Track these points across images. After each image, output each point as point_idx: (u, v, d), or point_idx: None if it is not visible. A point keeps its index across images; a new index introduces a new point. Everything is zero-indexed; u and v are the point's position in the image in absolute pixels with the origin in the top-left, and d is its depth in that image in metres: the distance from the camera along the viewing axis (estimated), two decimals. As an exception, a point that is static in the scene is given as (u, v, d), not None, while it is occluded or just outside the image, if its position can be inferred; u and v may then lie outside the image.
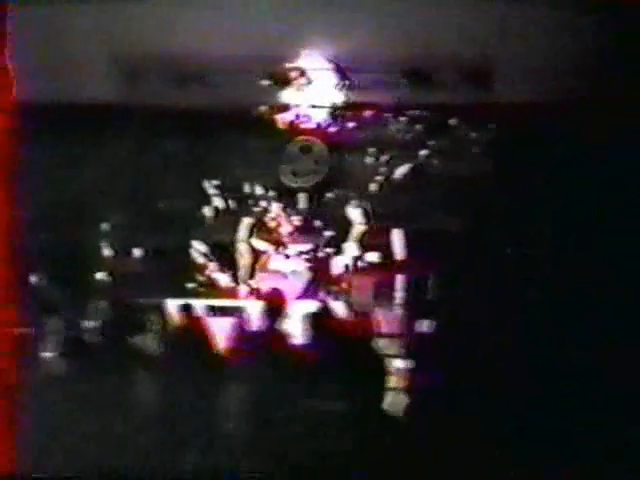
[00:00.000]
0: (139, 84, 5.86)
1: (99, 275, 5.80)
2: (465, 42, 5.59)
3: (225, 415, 5.22)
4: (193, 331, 5.59)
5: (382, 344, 5.31)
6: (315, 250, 5.85)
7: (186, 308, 5.67)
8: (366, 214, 5.89)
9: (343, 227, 5.90)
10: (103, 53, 5.71)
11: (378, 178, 5.97)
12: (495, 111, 5.79)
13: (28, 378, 4.92)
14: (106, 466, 4.75)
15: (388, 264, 5.72)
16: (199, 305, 5.69)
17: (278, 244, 5.90)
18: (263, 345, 5.40)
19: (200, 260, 5.90)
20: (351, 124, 6.03)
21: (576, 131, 5.53)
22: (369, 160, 6.00)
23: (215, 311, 5.68)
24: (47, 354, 5.48)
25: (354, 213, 5.89)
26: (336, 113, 6.03)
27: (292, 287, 5.76)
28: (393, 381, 5.09)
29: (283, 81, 5.98)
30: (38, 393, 4.95)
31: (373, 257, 5.79)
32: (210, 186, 6.00)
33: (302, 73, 5.95)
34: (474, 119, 5.89)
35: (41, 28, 5.42)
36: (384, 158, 5.99)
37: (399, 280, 5.65)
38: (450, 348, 5.08)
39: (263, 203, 5.99)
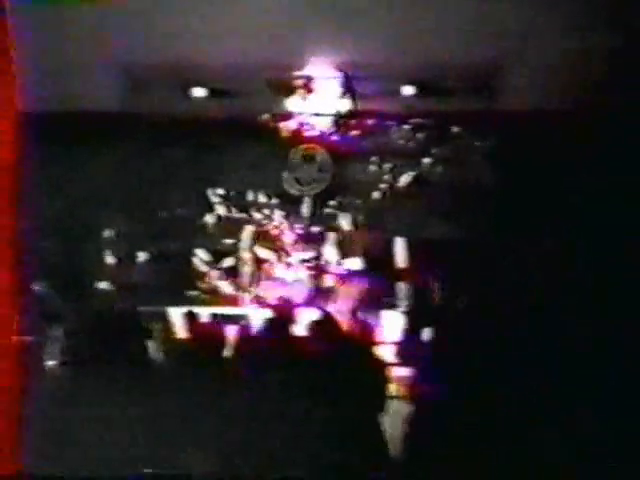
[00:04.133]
0: (143, 93, 5.88)
1: (102, 283, 5.81)
2: (469, 51, 5.59)
3: (229, 421, 5.20)
4: (196, 339, 5.58)
5: (384, 351, 5.29)
6: (317, 258, 5.85)
7: (189, 316, 5.66)
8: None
9: (344, 234, 5.91)
10: (107, 62, 5.74)
11: (381, 186, 5.98)
12: (498, 119, 5.79)
13: (30, 385, 4.92)
14: (107, 470, 4.75)
15: (391, 272, 5.71)
16: (202, 313, 5.69)
17: (281, 252, 5.90)
18: (266, 352, 5.38)
19: (203, 268, 5.90)
20: (354, 132, 6.03)
21: (579, 139, 5.53)
22: (372, 168, 6.01)
23: (218, 319, 5.67)
24: (49, 361, 5.48)
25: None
26: (339, 121, 6.03)
27: (294, 295, 5.76)
28: (394, 389, 5.07)
29: (287, 90, 5.99)
30: (40, 400, 4.95)
31: (376, 265, 5.78)
32: (213, 194, 6.01)
33: (305, 82, 5.96)
34: (477, 127, 5.89)
35: (45, 37, 5.44)
36: (387, 166, 5.99)
37: (401, 288, 5.63)
38: (452, 356, 5.06)
39: (266, 211, 6.00)
